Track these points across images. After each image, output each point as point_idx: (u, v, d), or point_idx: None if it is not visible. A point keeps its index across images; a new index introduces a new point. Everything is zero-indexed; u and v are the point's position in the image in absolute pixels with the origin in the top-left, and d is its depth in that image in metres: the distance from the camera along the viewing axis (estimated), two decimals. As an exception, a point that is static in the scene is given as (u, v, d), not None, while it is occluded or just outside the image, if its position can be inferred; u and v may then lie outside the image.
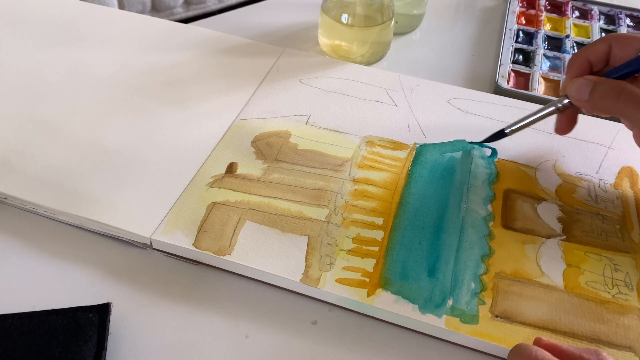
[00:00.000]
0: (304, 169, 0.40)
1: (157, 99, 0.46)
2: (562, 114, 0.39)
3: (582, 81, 0.36)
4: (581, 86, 0.36)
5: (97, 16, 0.55)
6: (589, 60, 0.37)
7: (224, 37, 0.53)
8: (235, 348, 0.32)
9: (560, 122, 0.40)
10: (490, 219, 0.37)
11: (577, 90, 0.36)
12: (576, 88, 0.36)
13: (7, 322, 0.30)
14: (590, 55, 0.37)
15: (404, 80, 0.49)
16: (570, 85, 0.37)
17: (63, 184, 0.38)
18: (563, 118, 0.39)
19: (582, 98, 0.36)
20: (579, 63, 0.38)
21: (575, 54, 0.39)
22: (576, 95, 0.36)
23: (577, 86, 0.36)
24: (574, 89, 0.36)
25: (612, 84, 0.35)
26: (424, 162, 0.41)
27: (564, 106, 0.38)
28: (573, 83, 0.37)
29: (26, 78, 0.47)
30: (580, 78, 0.36)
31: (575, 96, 0.36)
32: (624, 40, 0.36)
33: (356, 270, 0.34)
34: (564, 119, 0.39)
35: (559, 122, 0.40)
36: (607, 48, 0.37)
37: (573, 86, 0.36)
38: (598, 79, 0.36)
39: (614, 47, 0.37)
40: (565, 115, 0.39)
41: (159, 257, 0.36)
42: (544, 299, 0.33)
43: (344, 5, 0.51)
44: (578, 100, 0.36)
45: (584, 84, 0.36)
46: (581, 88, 0.36)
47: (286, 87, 0.47)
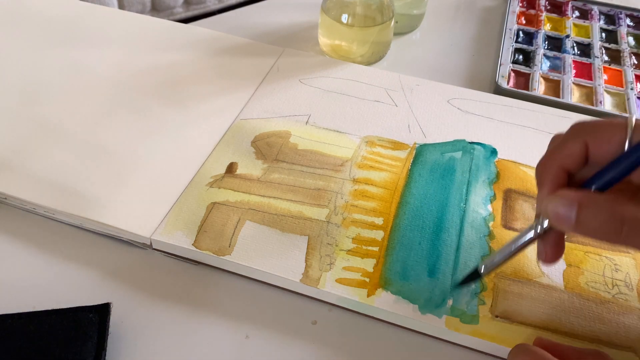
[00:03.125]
0: (304, 169, 0.40)
1: (157, 99, 0.46)
2: (545, 240, 0.29)
3: (560, 202, 0.27)
4: (559, 209, 0.26)
5: (97, 16, 0.55)
6: (563, 168, 0.28)
7: (224, 37, 0.53)
8: (235, 348, 0.32)
9: (544, 249, 0.30)
10: (490, 219, 0.37)
11: (558, 216, 0.27)
12: (555, 212, 0.27)
13: (7, 322, 0.30)
14: (565, 161, 0.28)
15: (404, 80, 0.49)
16: (546, 206, 0.27)
17: (63, 184, 0.38)
18: (547, 244, 0.29)
19: (567, 225, 0.26)
20: (553, 175, 0.28)
21: (544, 161, 0.29)
22: (558, 221, 0.27)
23: (556, 210, 0.27)
24: (550, 213, 0.27)
25: (606, 210, 0.26)
26: (424, 162, 0.41)
27: (544, 231, 0.29)
28: (550, 203, 0.27)
29: (26, 78, 0.47)
30: (558, 197, 0.27)
31: (557, 222, 0.27)
32: (599, 132, 0.27)
33: (356, 270, 0.34)
34: (548, 246, 0.29)
35: (541, 250, 0.30)
36: (582, 147, 0.28)
37: (550, 208, 0.27)
38: (583, 197, 0.26)
39: (590, 144, 0.27)
40: (549, 241, 0.29)
41: (159, 257, 0.36)
42: (544, 299, 0.33)
43: (344, 5, 0.51)
44: (562, 227, 0.27)
45: (563, 206, 0.26)
46: (562, 212, 0.26)
47: (286, 87, 0.47)
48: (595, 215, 0.26)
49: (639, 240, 0.25)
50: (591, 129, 0.28)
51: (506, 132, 0.44)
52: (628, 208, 0.25)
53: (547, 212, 0.27)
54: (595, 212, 0.26)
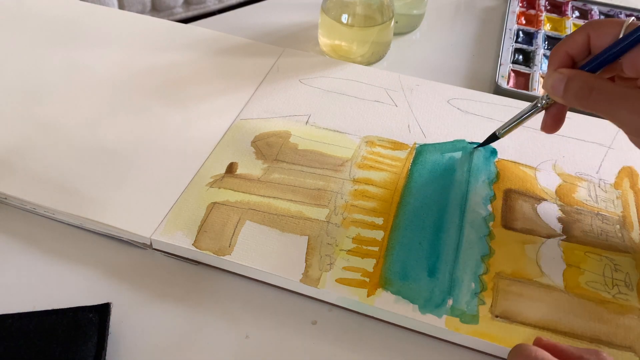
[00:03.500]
0: (304, 169, 0.40)
1: (157, 99, 0.46)
2: (548, 112, 0.37)
3: (557, 76, 0.33)
4: (555, 82, 0.33)
5: (97, 16, 0.55)
6: (569, 54, 0.34)
7: (224, 37, 0.53)
8: (235, 348, 0.32)
9: (545, 120, 0.37)
10: (490, 219, 0.37)
11: (553, 86, 0.34)
12: (551, 84, 0.34)
13: (7, 322, 0.30)
14: (570, 47, 0.34)
15: (404, 80, 0.49)
16: (547, 80, 0.34)
17: (63, 184, 0.38)
18: (548, 116, 0.37)
19: (557, 94, 0.34)
20: (559, 57, 0.35)
21: (555, 47, 0.35)
22: (552, 91, 0.34)
23: (552, 82, 0.34)
24: (549, 84, 0.34)
25: (583, 80, 0.32)
26: (424, 162, 0.41)
27: (547, 103, 0.36)
28: (549, 77, 0.34)
29: (26, 78, 0.47)
30: (556, 72, 0.34)
31: (551, 92, 0.34)
32: (601, 27, 0.33)
33: (356, 270, 0.34)
34: (549, 117, 0.37)
35: (544, 120, 0.37)
36: (585, 38, 0.34)
37: (549, 81, 0.34)
38: (572, 72, 0.33)
39: (592, 36, 0.34)
40: (550, 113, 0.37)
41: (159, 257, 0.36)
42: (544, 299, 0.33)
43: (344, 5, 0.51)
44: (554, 96, 0.34)
45: (558, 79, 0.33)
46: (556, 83, 0.33)
47: (286, 87, 0.47)
48: (575, 84, 0.33)
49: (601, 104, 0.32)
50: (595, 24, 0.34)
51: (506, 132, 0.44)
52: (598, 80, 0.32)
53: (546, 85, 0.34)
54: (576, 82, 0.33)
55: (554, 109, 0.36)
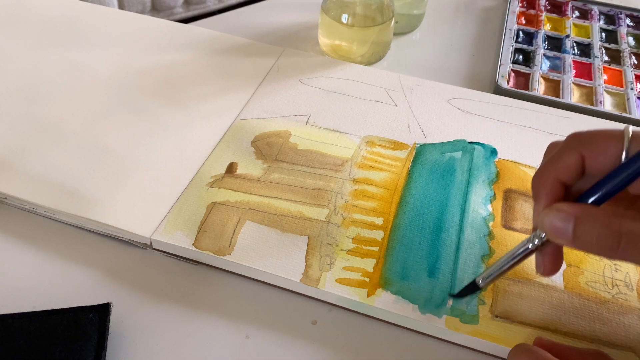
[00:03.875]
0: (304, 169, 0.40)
1: (157, 99, 0.46)
2: (543, 253, 0.29)
3: (557, 215, 0.26)
4: (557, 222, 0.26)
5: (97, 16, 0.55)
6: (560, 180, 0.28)
7: (224, 37, 0.53)
8: (235, 348, 0.32)
9: (543, 262, 0.29)
10: (490, 219, 0.37)
11: (555, 229, 0.26)
12: (551, 225, 0.26)
13: (7, 322, 0.30)
14: (560, 173, 0.28)
15: (404, 80, 0.49)
16: (543, 220, 0.27)
17: (63, 184, 0.38)
18: (545, 257, 0.29)
19: (564, 238, 0.26)
20: (549, 187, 0.28)
21: (540, 173, 0.28)
22: (555, 234, 0.26)
23: (553, 223, 0.26)
24: (547, 227, 0.26)
25: (603, 224, 0.25)
26: (424, 162, 0.41)
27: (541, 244, 0.28)
28: (546, 217, 0.27)
29: (26, 78, 0.47)
30: (554, 211, 0.26)
31: (554, 236, 0.26)
32: (595, 144, 0.27)
33: (356, 270, 0.34)
34: (547, 258, 0.29)
35: (540, 262, 0.30)
36: (579, 160, 0.27)
37: (547, 222, 0.26)
38: (579, 211, 0.26)
39: (586, 156, 0.27)
40: (547, 253, 0.29)
41: (159, 257, 0.36)
42: (544, 299, 0.33)
43: (344, 5, 0.51)
44: (559, 240, 0.26)
45: (561, 219, 0.26)
46: (558, 225, 0.26)
47: (286, 87, 0.47)
48: (592, 229, 0.25)
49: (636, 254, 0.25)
50: (587, 140, 0.27)
51: (506, 132, 0.44)
52: (625, 222, 0.25)
53: (544, 226, 0.27)
54: (592, 226, 0.25)
55: (550, 249, 0.29)
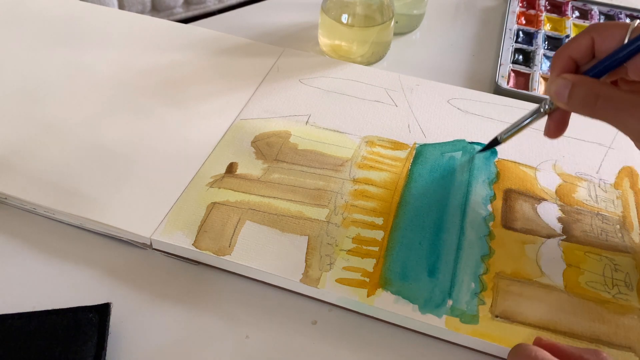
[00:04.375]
0: (304, 169, 0.40)
1: (157, 99, 0.46)
2: (551, 117, 0.36)
3: (560, 81, 0.32)
4: (560, 87, 0.32)
5: (97, 16, 0.55)
6: (572, 58, 0.33)
7: (224, 37, 0.53)
8: (235, 348, 0.32)
9: (549, 125, 0.36)
10: (490, 219, 0.37)
11: (557, 92, 0.32)
12: (555, 90, 0.33)
13: (7, 322, 0.30)
14: (573, 51, 0.33)
15: (404, 80, 0.49)
16: (550, 86, 0.33)
17: (63, 184, 0.38)
18: (551, 120, 0.36)
19: (561, 100, 0.32)
20: (563, 61, 0.34)
21: (558, 51, 0.34)
22: (556, 97, 0.33)
23: (556, 88, 0.33)
24: (552, 90, 0.33)
25: (589, 87, 0.31)
26: (424, 162, 0.41)
27: (550, 108, 0.35)
28: (553, 83, 0.33)
29: (26, 78, 0.47)
30: (560, 77, 0.33)
31: (555, 98, 0.33)
32: (606, 30, 0.32)
33: (356, 270, 0.34)
34: (552, 122, 0.36)
35: (547, 124, 0.36)
36: (589, 41, 0.33)
37: (553, 87, 0.33)
38: (577, 78, 0.32)
39: (596, 39, 0.32)
40: (554, 118, 0.35)
41: (159, 257, 0.36)
42: (544, 299, 0.33)
43: (344, 5, 0.51)
44: (558, 102, 0.33)
45: (563, 85, 0.32)
46: (560, 89, 0.32)
47: (286, 87, 0.47)
48: (580, 91, 0.32)
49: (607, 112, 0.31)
50: (600, 27, 0.33)
51: (506, 132, 0.44)
52: (605, 87, 0.31)
53: (550, 90, 0.33)
54: (581, 89, 0.32)
55: (557, 114, 0.35)
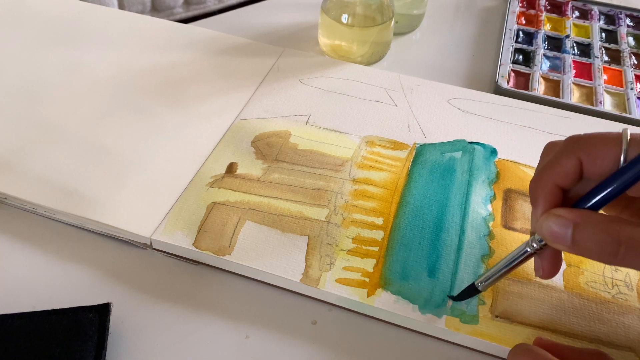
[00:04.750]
0: (304, 169, 0.40)
1: (157, 99, 0.46)
2: (542, 256, 0.29)
3: (555, 222, 0.26)
4: (556, 229, 0.26)
5: (97, 16, 0.55)
6: (557, 186, 0.28)
7: (224, 37, 0.53)
8: (235, 348, 0.32)
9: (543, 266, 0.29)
10: (490, 219, 0.37)
11: (553, 234, 0.26)
12: (549, 232, 0.26)
13: (7, 322, 0.30)
14: (558, 179, 0.27)
15: (404, 80, 0.49)
16: (541, 225, 0.27)
17: (63, 184, 0.38)
18: (544, 260, 0.29)
19: (563, 244, 0.26)
20: (547, 192, 0.28)
21: (537, 178, 0.28)
22: (554, 240, 0.26)
23: (551, 229, 0.26)
24: (546, 232, 0.27)
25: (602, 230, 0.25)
26: (424, 162, 0.41)
27: (540, 248, 0.28)
28: (544, 222, 0.27)
29: (26, 78, 0.47)
30: (553, 217, 0.26)
31: (553, 241, 0.26)
32: (594, 149, 0.26)
33: (356, 270, 0.34)
34: (546, 261, 0.29)
35: (538, 267, 0.29)
36: (576, 163, 0.27)
37: (543, 228, 0.27)
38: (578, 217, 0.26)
39: (584, 160, 0.27)
40: (546, 256, 0.29)
41: (159, 257, 0.36)
42: (544, 299, 0.33)
43: (344, 5, 0.51)
44: (557, 246, 0.27)
45: (561, 226, 0.26)
46: (557, 232, 0.26)
47: (286, 87, 0.47)
48: (591, 235, 0.25)
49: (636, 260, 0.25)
50: (585, 144, 0.27)
51: (506, 132, 0.44)
52: (625, 229, 0.24)
53: (542, 232, 0.27)
54: (591, 232, 0.25)
55: (549, 252, 0.29)
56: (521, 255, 0.29)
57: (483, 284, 0.31)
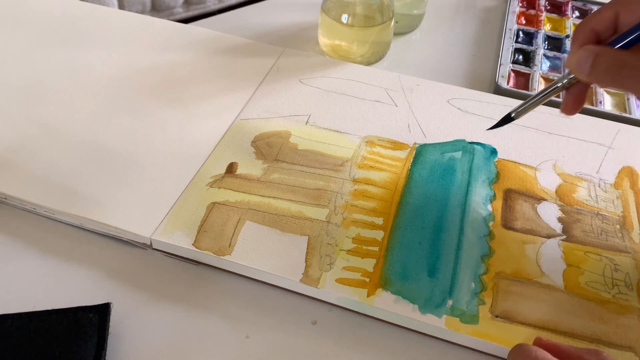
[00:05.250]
0: (304, 169, 0.40)
1: (157, 99, 0.46)
2: (569, 92, 0.35)
3: (582, 52, 0.32)
4: (582, 58, 0.32)
5: (97, 16, 0.55)
6: (595, 30, 0.33)
7: (224, 37, 0.53)
8: (235, 348, 0.32)
9: (566, 100, 0.35)
10: (490, 219, 0.37)
11: (578, 63, 0.32)
12: (577, 61, 0.32)
13: (7, 322, 0.30)
14: (596, 24, 0.33)
15: (404, 80, 0.49)
16: (571, 58, 0.33)
17: (63, 184, 0.38)
18: (570, 96, 0.35)
19: (583, 71, 0.32)
20: (585, 33, 0.33)
21: (580, 23, 0.34)
22: (577, 68, 0.32)
23: (578, 58, 0.32)
24: (574, 61, 0.32)
25: (613, 56, 0.31)
26: (424, 162, 0.41)
27: (569, 82, 0.34)
28: (574, 55, 0.32)
29: (26, 78, 0.47)
30: (581, 49, 0.32)
31: (577, 69, 0.32)
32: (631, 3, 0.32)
33: (356, 270, 0.34)
34: (571, 97, 0.35)
35: (565, 100, 0.35)
36: (613, 14, 0.32)
37: (574, 58, 0.32)
38: (600, 49, 0.32)
39: (621, 12, 0.32)
40: (572, 93, 0.35)
41: (159, 257, 0.36)
42: (544, 299, 0.33)
43: (344, 5, 0.51)
44: (579, 74, 0.32)
45: (585, 56, 0.32)
46: (582, 60, 0.32)
47: (286, 87, 0.47)
48: (603, 61, 0.31)
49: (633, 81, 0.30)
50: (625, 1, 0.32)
51: (506, 132, 0.44)
52: (630, 57, 0.30)
53: (571, 61, 0.32)
54: (604, 59, 0.31)
55: (575, 89, 0.34)
56: (553, 87, 0.35)
57: (517, 111, 0.36)
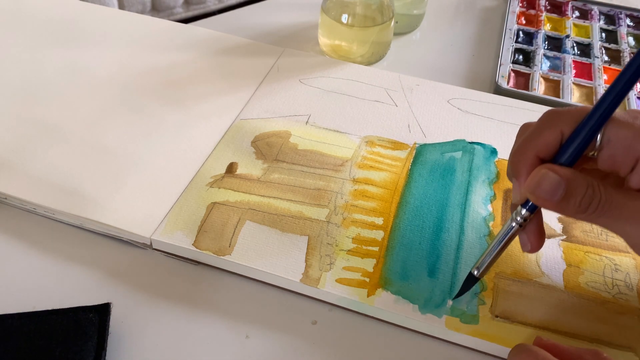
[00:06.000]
0: (304, 169, 0.40)
1: (157, 99, 0.46)
2: (525, 230, 0.30)
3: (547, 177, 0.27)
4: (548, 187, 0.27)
5: (97, 16, 0.55)
6: (539, 158, 0.28)
7: (224, 37, 0.53)
8: (235, 348, 0.32)
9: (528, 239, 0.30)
10: (490, 219, 0.37)
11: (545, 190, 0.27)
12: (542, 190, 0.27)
13: (7, 322, 0.30)
14: (540, 150, 0.28)
15: (404, 80, 0.49)
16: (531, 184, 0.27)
17: (63, 184, 0.38)
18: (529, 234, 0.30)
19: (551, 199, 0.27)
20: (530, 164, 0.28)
21: (520, 150, 0.29)
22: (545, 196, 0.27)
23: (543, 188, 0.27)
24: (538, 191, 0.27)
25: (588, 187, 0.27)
26: (424, 162, 0.41)
27: (525, 220, 0.29)
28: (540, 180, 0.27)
29: (26, 78, 0.47)
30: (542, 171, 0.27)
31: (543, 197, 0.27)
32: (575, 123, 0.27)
33: (356, 270, 0.34)
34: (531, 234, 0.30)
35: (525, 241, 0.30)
36: (558, 136, 0.28)
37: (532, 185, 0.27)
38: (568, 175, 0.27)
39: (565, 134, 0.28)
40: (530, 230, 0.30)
41: (159, 257, 0.36)
42: (544, 299, 0.33)
43: (344, 5, 0.51)
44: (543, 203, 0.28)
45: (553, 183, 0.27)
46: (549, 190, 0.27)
47: (286, 87, 0.47)
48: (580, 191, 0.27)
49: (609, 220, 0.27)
50: (567, 117, 0.28)
51: (506, 132, 0.44)
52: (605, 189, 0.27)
53: (533, 191, 0.27)
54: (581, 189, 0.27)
55: (532, 225, 0.30)
56: (509, 232, 0.30)
57: (479, 270, 0.32)
